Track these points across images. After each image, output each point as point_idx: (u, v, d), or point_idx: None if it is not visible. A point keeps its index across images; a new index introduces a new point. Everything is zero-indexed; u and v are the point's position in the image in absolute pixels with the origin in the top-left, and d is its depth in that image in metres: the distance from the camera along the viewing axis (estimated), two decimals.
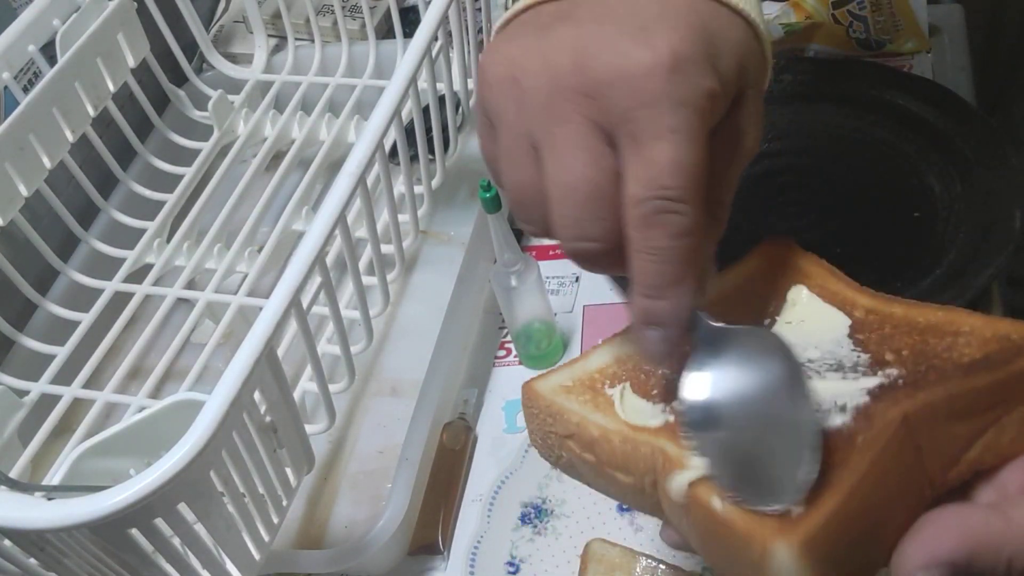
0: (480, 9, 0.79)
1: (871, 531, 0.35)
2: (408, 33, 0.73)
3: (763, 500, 0.35)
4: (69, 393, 0.63)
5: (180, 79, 0.83)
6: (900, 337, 0.40)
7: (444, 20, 0.62)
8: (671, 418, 0.40)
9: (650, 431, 0.40)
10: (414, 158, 0.66)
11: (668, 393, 0.41)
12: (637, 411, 0.41)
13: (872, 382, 0.38)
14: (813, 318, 0.43)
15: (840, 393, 0.38)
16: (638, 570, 0.56)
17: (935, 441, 0.36)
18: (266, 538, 0.49)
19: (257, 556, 0.48)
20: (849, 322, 0.42)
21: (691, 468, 0.37)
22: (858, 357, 0.40)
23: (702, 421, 0.37)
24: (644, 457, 0.39)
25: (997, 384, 0.36)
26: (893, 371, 0.39)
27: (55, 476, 0.48)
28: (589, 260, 0.38)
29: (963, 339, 0.39)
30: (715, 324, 0.39)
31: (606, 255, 0.37)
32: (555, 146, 0.36)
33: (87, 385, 0.64)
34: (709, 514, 0.36)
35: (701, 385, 0.38)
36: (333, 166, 0.78)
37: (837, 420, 0.37)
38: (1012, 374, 0.36)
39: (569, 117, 0.36)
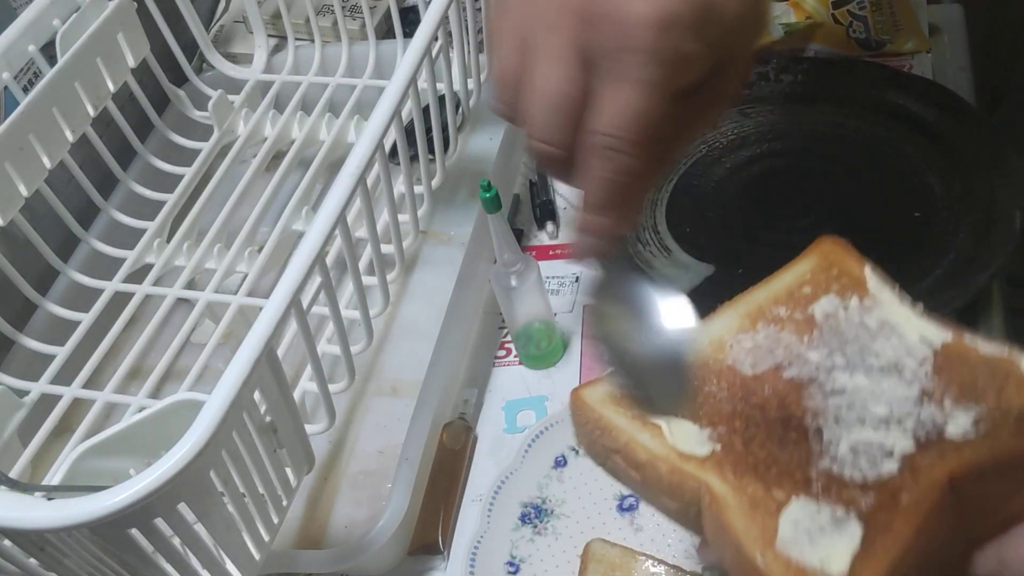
0: (480, 9, 0.79)
1: None
2: (408, 33, 0.73)
3: (646, 411, 0.41)
4: (69, 393, 0.63)
5: (180, 79, 0.83)
6: (951, 369, 0.40)
7: (444, 20, 0.62)
8: (718, 446, 0.40)
9: (697, 462, 0.39)
10: (414, 158, 0.66)
11: (715, 415, 0.41)
12: (685, 435, 0.41)
13: (921, 422, 0.38)
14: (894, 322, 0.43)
15: (888, 435, 0.38)
16: (638, 570, 0.56)
17: (975, 500, 0.36)
18: (266, 538, 0.49)
19: (257, 556, 0.48)
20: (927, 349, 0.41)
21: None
22: (909, 385, 0.40)
23: (601, 329, 0.43)
24: (690, 489, 0.39)
25: None
26: (940, 415, 0.38)
27: (55, 476, 0.48)
28: (548, 163, 0.42)
29: (1012, 383, 0.38)
30: (627, 255, 0.44)
31: (561, 161, 0.42)
32: (543, 52, 0.41)
33: (87, 385, 0.64)
34: (753, 569, 0.36)
35: (602, 294, 0.44)
36: (333, 166, 0.78)
37: (883, 467, 0.37)
38: None
39: (563, 32, 0.40)
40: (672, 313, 0.42)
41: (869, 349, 0.42)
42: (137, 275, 0.71)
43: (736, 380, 0.41)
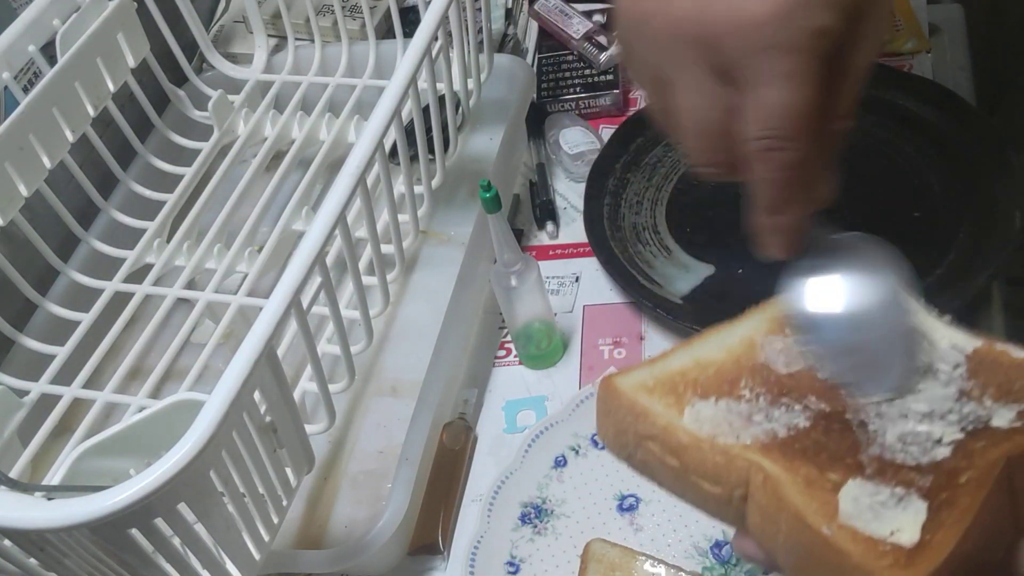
0: (480, 9, 0.79)
1: (976, 570, 0.35)
2: (408, 33, 0.73)
3: (867, 391, 0.40)
4: (69, 393, 0.63)
5: (180, 79, 0.83)
6: (985, 373, 0.40)
7: (444, 20, 0.62)
8: (761, 435, 0.40)
9: (742, 447, 0.39)
10: (414, 158, 0.66)
11: (754, 407, 0.41)
12: (722, 424, 0.41)
13: (964, 415, 0.39)
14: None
15: (934, 427, 0.39)
16: (638, 570, 0.56)
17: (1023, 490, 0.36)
18: (266, 538, 0.49)
19: (257, 556, 0.48)
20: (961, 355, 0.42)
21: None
22: (946, 386, 0.41)
23: (810, 320, 0.42)
24: (738, 470, 0.39)
25: None
26: (983, 410, 0.39)
27: (55, 476, 0.48)
28: (714, 178, 0.43)
29: None
30: (828, 232, 0.43)
31: (730, 174, 0.42)
32: (679, 87, 0.41)
33: (87, 385, 0.64)
34: (819, 540, 0.36)
35: (810, 287, 0.42)
36: (333, 166, 0.78)
37: (937, 454, 0.38)
38: None
39: (689, 62, 0.40)
40: (889, 287, 0.42)
41: None
42: (137, 275, 0.71)
43: (771, 376, 0.42)
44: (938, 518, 0.35)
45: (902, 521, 0.35)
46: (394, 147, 0.62)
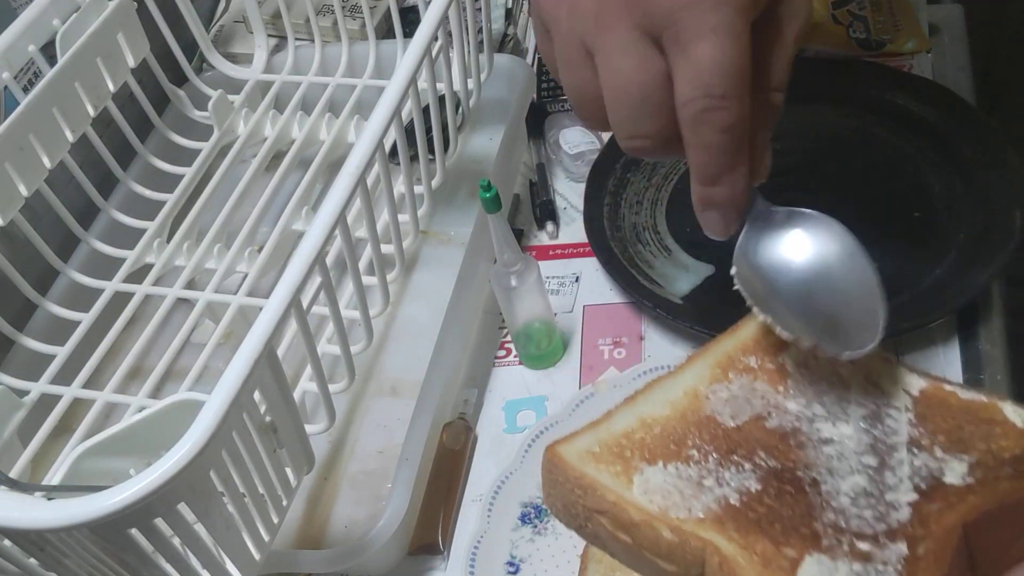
0: (480, 9, 0.79)
1: None
2: (408, 33, 0.73)
3: (839, 347, 0.38)
4: (69, 393, 0.63)
5: (180, 79, 0.83)
6: (934, 417, 0.39)
7: (444, 20, 0.62)
8: (713, 504, 0.38)
9: (695, 521, 0.38)
10: (414, 158, 0.66)
11: (704, 469, 0.40)
12: (672, 493, 0.40)
13: (916, 469, 0.38)
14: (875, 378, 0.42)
15: (887, 483, 0.38)
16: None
17: (983, 545, 0.36)
18: (266, 538, 0.49)
19: (257, 556, 0.48)
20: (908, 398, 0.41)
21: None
22: (895, 434, 0.39)
23: (759, 286, 0.41)
24: (693, 550, 0.37)
25: None
26: (934, 462, 0.38)
27: (55, 476, 0.48)
28: (644, 153, 0.41)
29: (999, 429, 0.38)
30: (770, 205, 0.42)
31: (660, 148, 0.40)
32: (605, 51, 0.39)
33: (87, 385, 0.64)
34: None
35: (753, 253, 0.41)
36: (333, 166, 0.78)
37: (891, 518, 0.37)
38: None
39: (616, 24, 0.38)
40: (844, 240, 0.41)
41: (847, 398, 0.41)
42: (137, 275, 0.71)
43: (719, 432, 0.41)
44: None
45: None
46: (394, 147, 0.62)
